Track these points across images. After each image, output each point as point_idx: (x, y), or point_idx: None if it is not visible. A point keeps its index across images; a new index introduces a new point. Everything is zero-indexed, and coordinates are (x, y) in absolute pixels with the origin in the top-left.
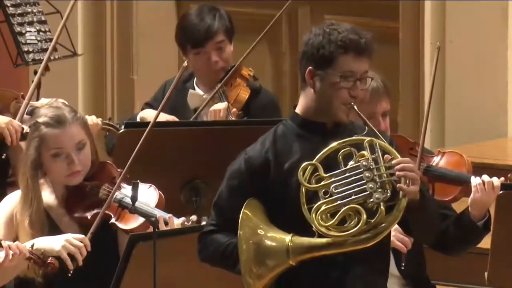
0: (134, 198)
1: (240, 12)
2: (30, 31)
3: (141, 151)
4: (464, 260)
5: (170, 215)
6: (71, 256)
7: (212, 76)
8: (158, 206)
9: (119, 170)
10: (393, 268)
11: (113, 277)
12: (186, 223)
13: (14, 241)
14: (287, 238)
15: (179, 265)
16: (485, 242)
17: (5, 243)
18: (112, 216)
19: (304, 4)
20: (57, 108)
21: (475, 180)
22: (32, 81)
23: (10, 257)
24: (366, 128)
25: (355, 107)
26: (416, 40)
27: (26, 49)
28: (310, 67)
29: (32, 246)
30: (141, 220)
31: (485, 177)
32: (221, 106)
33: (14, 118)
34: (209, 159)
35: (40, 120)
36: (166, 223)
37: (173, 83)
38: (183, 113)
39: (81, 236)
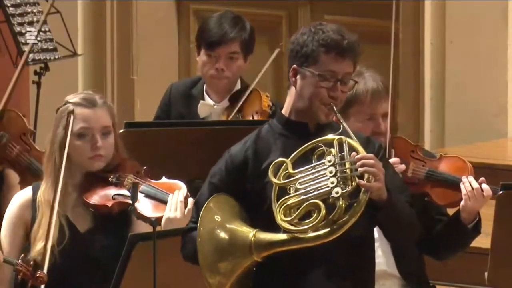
0: (133, 199)
1: (240, 13)
2: (30, 31)
3: (142, 151)
4: (464, 260)
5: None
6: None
7: (215, 84)
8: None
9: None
10: (393, 269)
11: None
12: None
13: (27, 234)
14: (251, 233)
15: (179, 265)
16: (485, 242)
17: None
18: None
19: (304, 4)
20: (87, 93)
21: (464, 188)
22: (32, 81)
23: None
24: (341, 127)
25: (335, 108)
26: (416, 40)
27: (26, 49)
28: (294, 66)
29: (23, 257)
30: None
31: (474, 183)
32: None
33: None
34: (210, 160)
35: (71, 100)
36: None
37: None
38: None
39: None
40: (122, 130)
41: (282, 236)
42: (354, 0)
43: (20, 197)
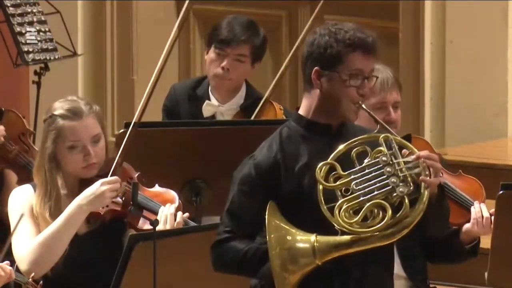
0: (134, 199)
1: (241, 12)
2: (30, 31)
3: (141, 151)
4: None
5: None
6: None
7: (217, 83)
8: (177, 209)
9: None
10: (398, 270)
11: (114, 274)
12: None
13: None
14: (312, 238)
15: (179, 265)
16: (485, 242)
17: None
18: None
19: (304, 4)
20: (72, 101)
21: (475, 213)
22: (32, 81)
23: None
24: (378, 126)
25: (363, 105)
26: (416, 40)
27: (26, 49)
28: (316, 68)
29: (33, 276)
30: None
31: (485, 212)
32: None
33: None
34: (210, 159)
35: (57, 112)
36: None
37: None
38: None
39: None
40: (122, 130)
41: (347, 238)
42: (355, 0)
43: (21, 190)
